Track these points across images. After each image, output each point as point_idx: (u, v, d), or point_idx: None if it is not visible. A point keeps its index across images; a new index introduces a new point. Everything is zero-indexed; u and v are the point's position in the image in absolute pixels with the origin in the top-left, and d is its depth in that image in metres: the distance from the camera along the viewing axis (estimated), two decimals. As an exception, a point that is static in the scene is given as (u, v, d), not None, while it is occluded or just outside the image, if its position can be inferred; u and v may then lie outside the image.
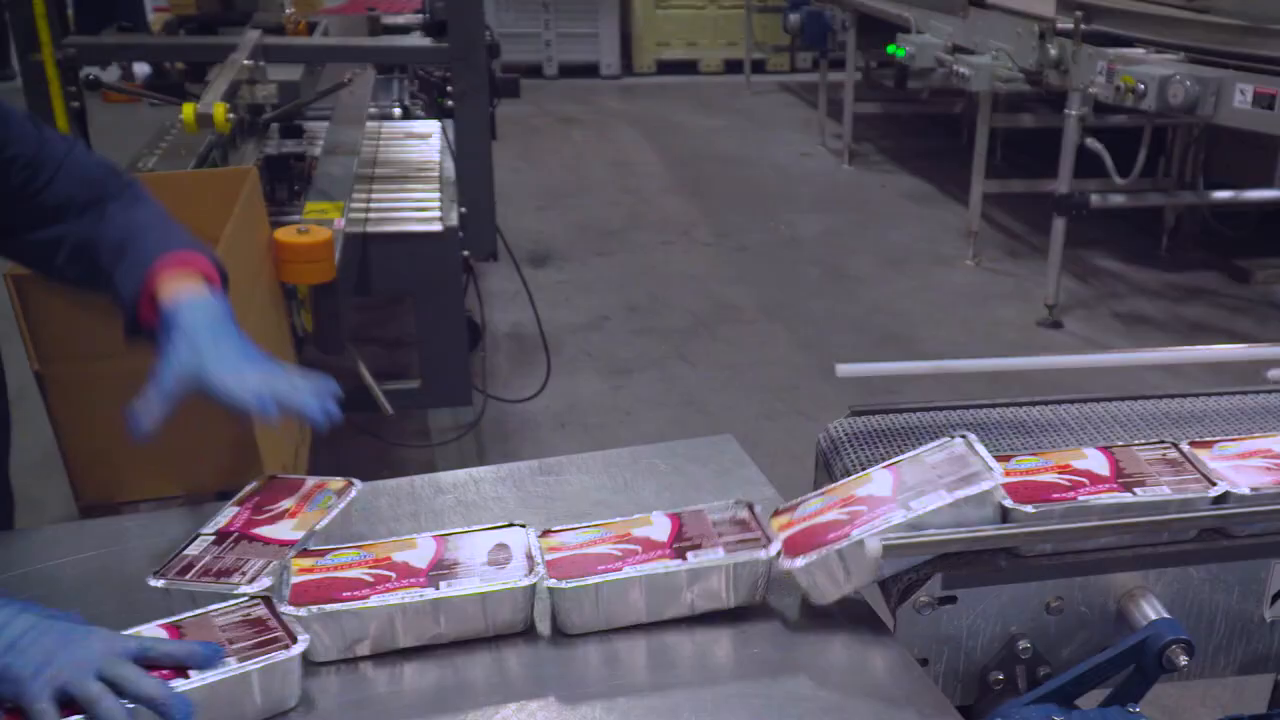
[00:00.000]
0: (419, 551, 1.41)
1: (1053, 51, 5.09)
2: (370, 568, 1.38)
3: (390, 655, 1.35)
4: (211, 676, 1.21)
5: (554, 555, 1.40)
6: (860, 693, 1.31)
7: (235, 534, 1.48)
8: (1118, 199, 5.75)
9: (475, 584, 1.35)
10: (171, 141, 3.41)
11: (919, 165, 8.12)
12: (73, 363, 1.96)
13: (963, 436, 1.45)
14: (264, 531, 1.48)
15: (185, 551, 1.45)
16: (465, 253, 3.10)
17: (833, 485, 1.48)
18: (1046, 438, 1.69)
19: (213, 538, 1.48)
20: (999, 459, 1.42)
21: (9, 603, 1.23)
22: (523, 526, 1.46)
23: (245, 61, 2.86)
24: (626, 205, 7.25)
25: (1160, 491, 1.38)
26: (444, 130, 3.75)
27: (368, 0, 4.84)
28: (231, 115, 2.51)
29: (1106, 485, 1.39)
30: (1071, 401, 1.79)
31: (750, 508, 1.48)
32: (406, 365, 4.07)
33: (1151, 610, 1.38)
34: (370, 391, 2.89)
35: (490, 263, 4.02)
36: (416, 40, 3.76)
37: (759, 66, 10.82)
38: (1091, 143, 5.09)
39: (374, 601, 1.32)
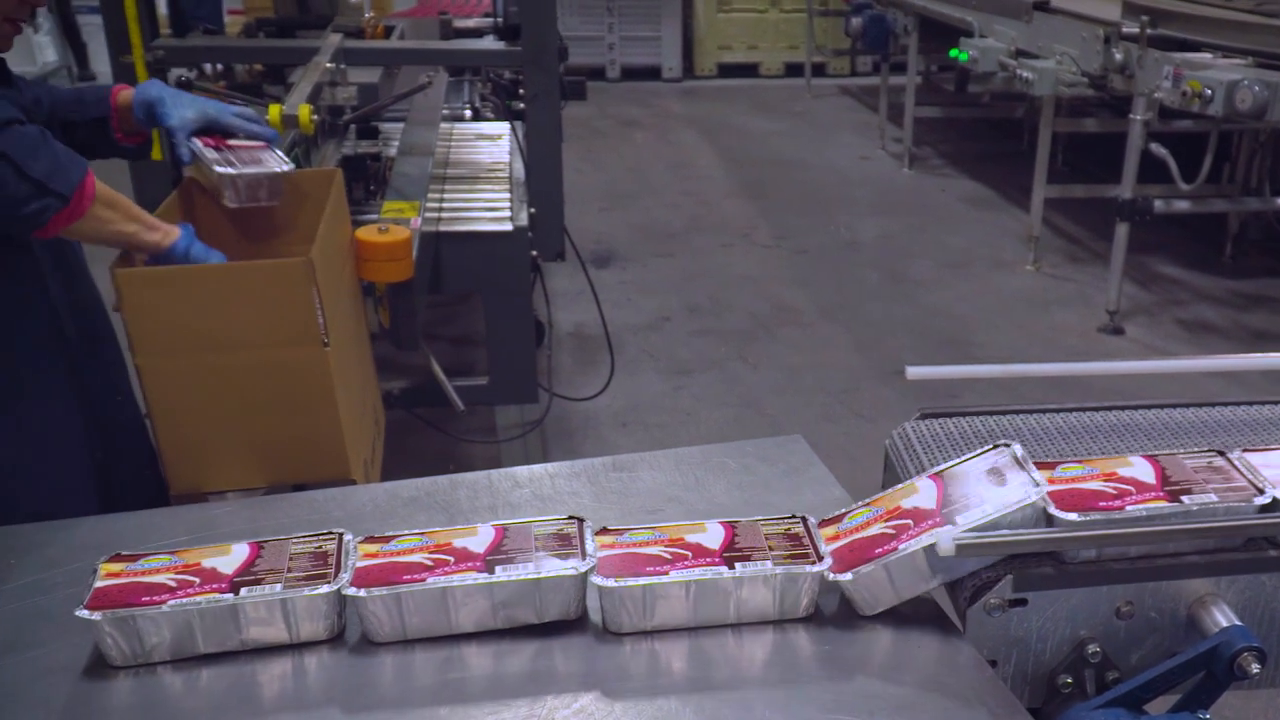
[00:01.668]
0: (229, 558, 1.41)
1: (1118, 56, 5.07)
2: (176, 573, 1.38)
3: (190, 661, 1.35)
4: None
5: (367, 563, 1.39)
6: (931, 692, 1.32)
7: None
8: (1182, 205, 5.71)
9: (278, 591, 1.34)
10: (253, 143, 3.48)
11: (979, 169, 8.09)
12: (169, 357, 2.01)
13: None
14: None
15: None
16: (534, 252, 3.13)
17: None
18: (1112, 443, 1.69)
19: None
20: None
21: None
22: (341, 534, 1.45)
23: (327, 64, 2.92)
24: (687, 207, 7.29)
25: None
26: (514, 131, 3.80)
27: (438, 4, 4.91)
28: (315, 117, 2.57)
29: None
30: (1138, 407, 1.79)
31: (579, 522, 1.47)
32: (472, 362, 4.13)
33: (1223, 617, 1.38)
34: (442, 387, 2.94)
35: (555, 263, 4.06)
36: (490, 44, 3.81)
37: (819, 70, 10.82)
38: (1156, 148, 5.06)
39: (169, 607, 1.32)
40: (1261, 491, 1.38)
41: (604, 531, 1.46)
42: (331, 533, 1.45)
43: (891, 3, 7.94)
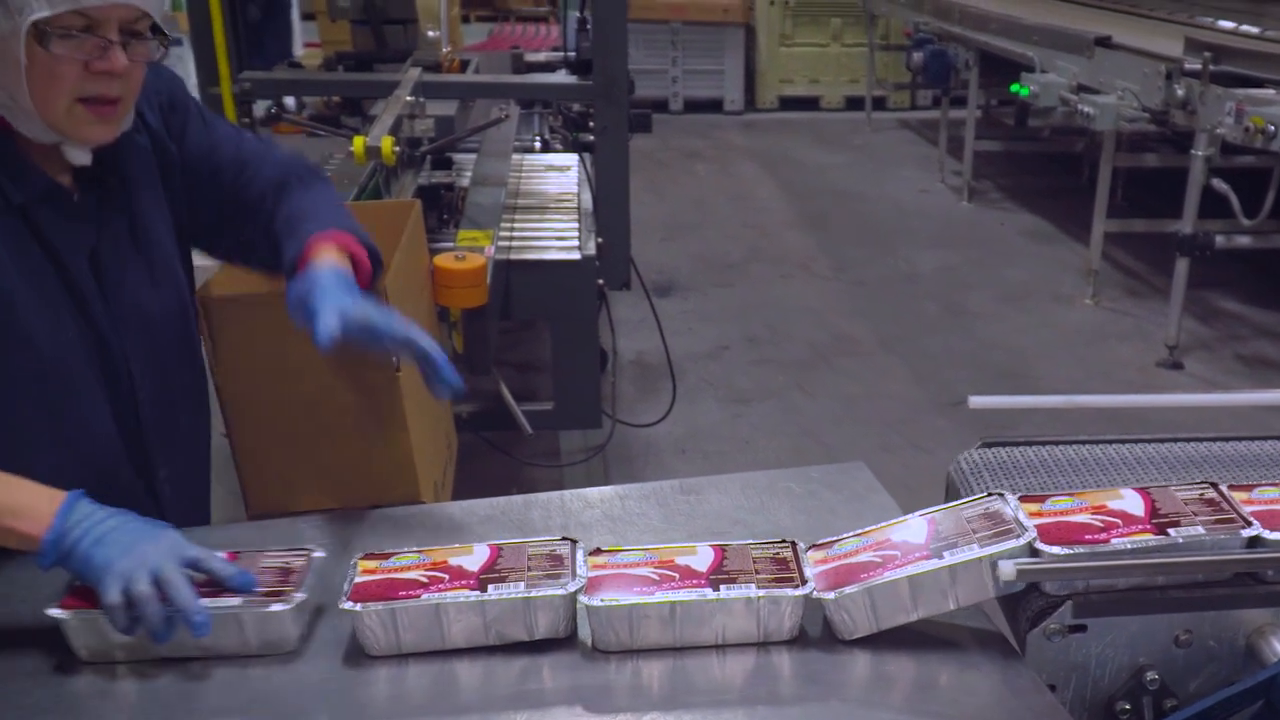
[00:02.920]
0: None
1: (1180, 92, 5.06)
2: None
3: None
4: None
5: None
6: (993, 714, 1.34)
7: None
8: (1243, 240, 5.67)
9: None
10: (334, 171, 3.57)
11: (1039, 203, 8.08)
12: (250, 379, 2.07)
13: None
14: None
15: None
16: (600, 281, 3.19)
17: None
18: (1164, 474, 1.71)
19: None
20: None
21: (100, 509, 1.45)
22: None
23: (408, 98, 3.01)
24: (747, 238, 7.34)
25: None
26: (582, 162, 3.87)
27: (509, 38, 5.00)
28: (397, 148, 2.65)
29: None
30: (1195, 440, 1.81)
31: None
32: (536, 388, 4.19)
33: (1282, 648, 1.39)
34: (510, 411, 3.00)
35: (618, 291, 4.13)
36: (562, 78, 3.89)
37: (879, 103, 10.84)
38: (1218, 183, 5.05)
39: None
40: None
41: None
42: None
43: (953, 38, 7.96)
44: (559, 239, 3.17)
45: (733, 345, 5.64)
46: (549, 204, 3.49)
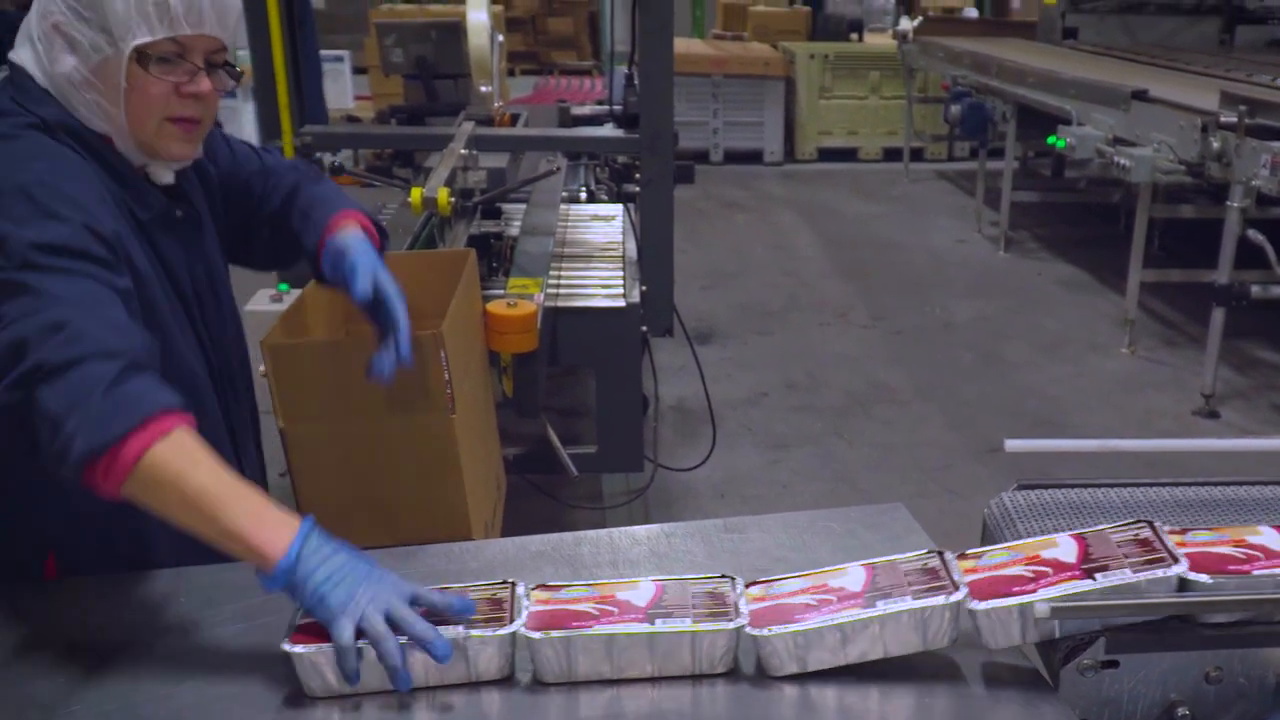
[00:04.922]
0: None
1: (1215, 144, 5.10)
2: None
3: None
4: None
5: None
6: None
7: None
8: (1279, 290, 5.70)
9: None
10: (389, 220, 3.68)
11: (1075, 253, 8.10)
12: (314, 423, 2.13)
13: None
14: None
15: None
16: (643, 328, 3.25)
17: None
18: (1204, 517, 1.74)
19: None
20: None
21: (329, 540, 1.51)
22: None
23: (462, 150, 3.11)
24: (786, 287, 7.40)
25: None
26: (626, 212, 3.96)
27: (555, 92, 5.11)
28: (452, 199, 2.74)
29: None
30: (1229, 483, 1.85)
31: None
32: (578, 432, 4.26)
33: (1312, 685, 1.42)
34: (557, 454, 3.07)
35: (660, 338, 4.19)
36: (609, 131, 3.98)
37: (917, 155, 10.90)
38: (1253, 234, 5.08)
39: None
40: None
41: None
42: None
43: (990, 91, 8.02)
44: (604, 287, 3.24)
45: (771, 392, 5.69)
46: (595, 253, 3.57)
